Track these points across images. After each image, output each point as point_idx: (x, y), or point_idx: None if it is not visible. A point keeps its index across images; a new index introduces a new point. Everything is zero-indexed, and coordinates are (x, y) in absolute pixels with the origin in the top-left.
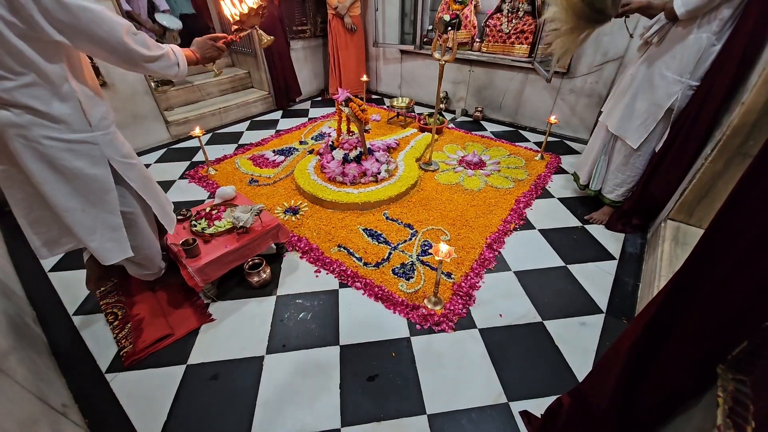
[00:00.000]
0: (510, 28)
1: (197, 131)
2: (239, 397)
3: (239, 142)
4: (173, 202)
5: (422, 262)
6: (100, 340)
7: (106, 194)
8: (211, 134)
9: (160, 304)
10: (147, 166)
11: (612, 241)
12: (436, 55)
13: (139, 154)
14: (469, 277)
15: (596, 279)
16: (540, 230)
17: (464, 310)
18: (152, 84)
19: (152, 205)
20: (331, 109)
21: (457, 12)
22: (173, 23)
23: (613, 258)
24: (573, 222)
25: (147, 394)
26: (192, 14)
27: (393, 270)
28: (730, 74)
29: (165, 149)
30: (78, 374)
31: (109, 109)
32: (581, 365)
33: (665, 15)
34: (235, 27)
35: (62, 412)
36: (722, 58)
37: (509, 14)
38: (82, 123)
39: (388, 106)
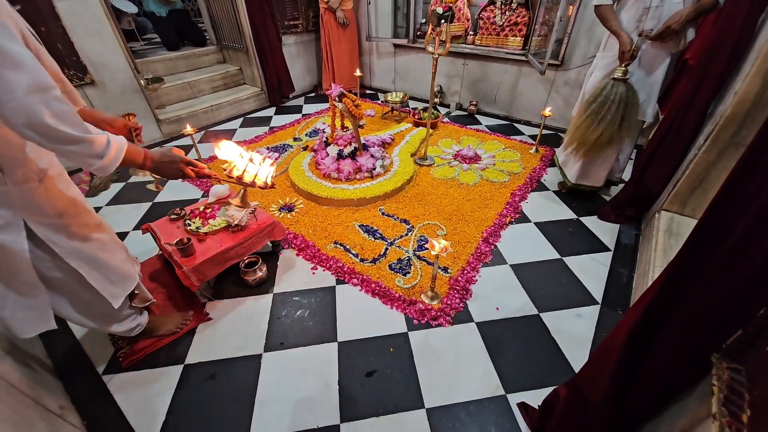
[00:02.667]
0: (503, 20)
1: (189, 129)
2: (238, 396)
3: (233, 140)
4: (166, 202)
5: (419, 257)
6: (96, 341)
7: (17, 262)
8: (203, 132)
9: (156, 305)
10: None
11: (607, 232)
12: (430, 48)
13: None
14: (465, 272)
15: (591, 270)
16: (535, 223)
17: (461, 305)
18: (142, 82)
19: (85, 274)
20: (325, 105)
21: (450, 4)
22: (127, 6)
23: (608, 249)
24: (568, 214)
25: (145, 394)
26: (179, 11)
27: (390, 266)
28: (722, 64)
29: (157, 148)
30: (75, 376)
31: (40, 161)
32: (577, 356)
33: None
34: (229, 177)
35: (59, 414)
36: (714, 47)
37: (503, 6)
38: None
39: (382, 101)
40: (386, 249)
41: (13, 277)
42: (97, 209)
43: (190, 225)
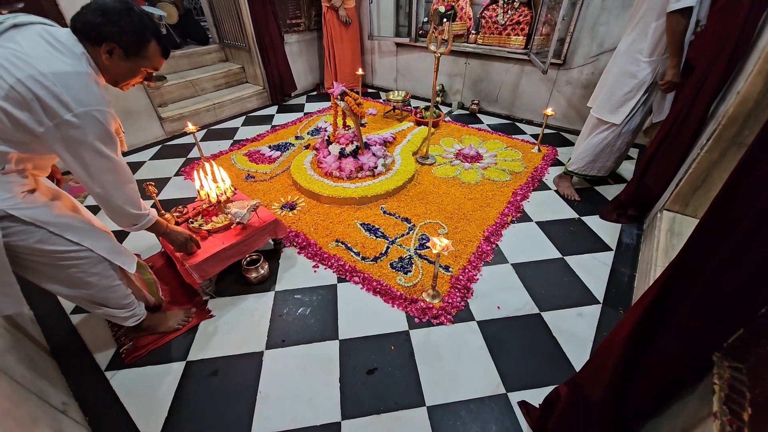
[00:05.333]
0: (506, 19)
1: (191, 127)
2: (239, 393)
3: (235, 138)
4: (169, 200)
5: (420, 256)
6: (99, 338)
7: None
8: (206, 130)
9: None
10: (141, 163)
11: (608, 232)
12: (432, 47)
13: (134, 151)
14: (466, 270)
15: (593, 270)
16: (537, 222)
17: (462, 303)
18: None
19: (90, 245)
20: (327, 104)
21: (452, 3)
22: (156, 10)
23: (610, 249)
24: (570, 214)
25: (147, 390)
26: (184, 13)
27: (391, 264)
28: (723, 64)
29: (160, 146)
30: (77, 372)
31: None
32: (578, 355)
33: None
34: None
35: (62, 410)
36: (716, 47)
37: (505, 5)
38: None
39: (384, 100)
40: (388, 247)
41: None
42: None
43: (192, 222)
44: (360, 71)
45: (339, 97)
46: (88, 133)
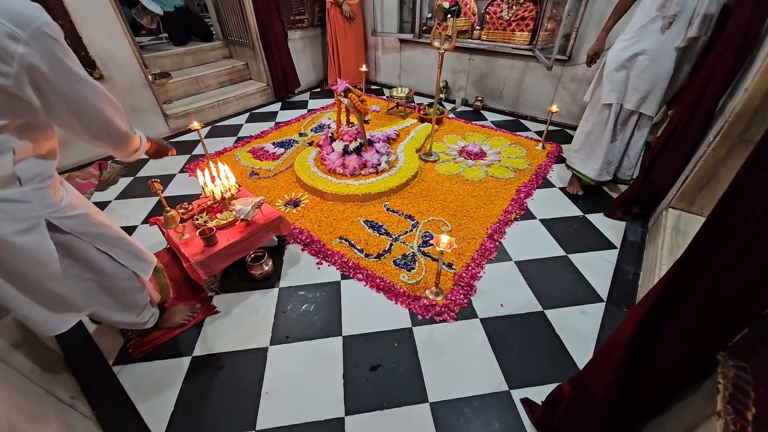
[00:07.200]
0: (510, 14)
1: (196, 125)
2: (244, 388)
3: (239, 135)
4: (174, 196)
5: (423, 253)
6: (106, 333)
7: (47, 263)
8: (210, 127)
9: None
10: (146, 160)
11: (613, 230)
12: (436, 43)
13: None
14: (470, 268)
15: (597, 268)
16: (541, 220)
17: (465, 300)
18: (150, 77)
19: (115, 255)
20: (331, 100)
21: None
22: (154, 7)
23: (614, 247)
24: (574, 211)
25: (154, 385)
26: (183, 7)
27: (394, 261)
28: (729, 60)
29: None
30: (85, 367)
31: (52, 167)
32: (582, 353)
33: None
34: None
35: (70, 404)
36: (722, 44)
37: (509, 0)
38: (7, 178)
39: (387, 97)
40: (391, 245)
41: (44, 278)
42: (106, 203)
43: (197, 219)
44: (363, 68)
45: (342, 93)
46: (57, 55)
